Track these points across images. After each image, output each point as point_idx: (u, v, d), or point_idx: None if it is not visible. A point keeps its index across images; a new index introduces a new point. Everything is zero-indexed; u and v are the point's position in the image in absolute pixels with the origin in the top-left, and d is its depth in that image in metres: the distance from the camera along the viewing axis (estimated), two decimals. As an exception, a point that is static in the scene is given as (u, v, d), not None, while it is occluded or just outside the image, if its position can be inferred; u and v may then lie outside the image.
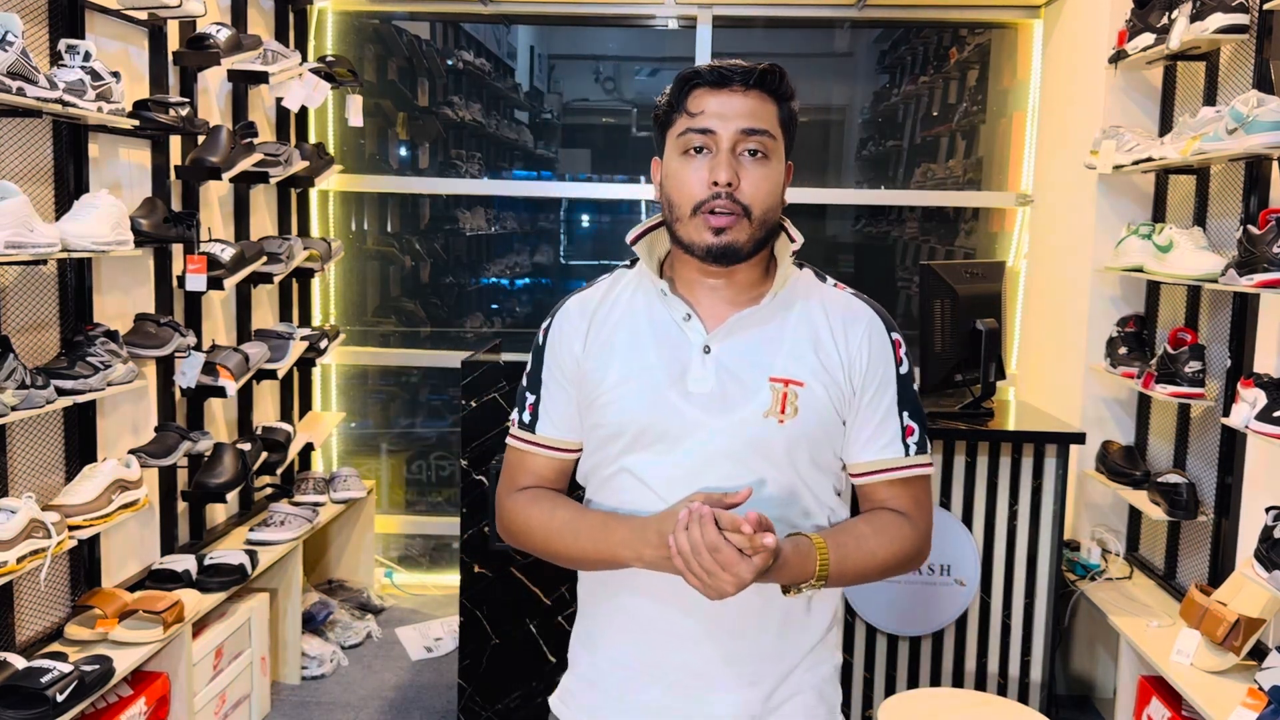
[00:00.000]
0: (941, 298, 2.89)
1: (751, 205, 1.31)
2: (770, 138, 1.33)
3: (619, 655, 1.40)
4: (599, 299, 1.43)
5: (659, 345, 1.36)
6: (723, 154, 1.30)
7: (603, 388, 1.37)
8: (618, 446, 1.37)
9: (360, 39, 4.40)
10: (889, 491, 1.38)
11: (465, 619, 2.89)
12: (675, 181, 1.34)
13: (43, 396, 2.29)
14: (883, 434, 1.37)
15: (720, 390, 1.33)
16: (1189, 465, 3.09)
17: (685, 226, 1.33)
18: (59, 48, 2.42)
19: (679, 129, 1.34)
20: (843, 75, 4.61)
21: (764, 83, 1.33)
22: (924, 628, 2.84)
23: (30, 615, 2.55)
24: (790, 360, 1.34)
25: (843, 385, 1.35)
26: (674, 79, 1.36)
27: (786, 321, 1.37)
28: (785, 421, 1.32)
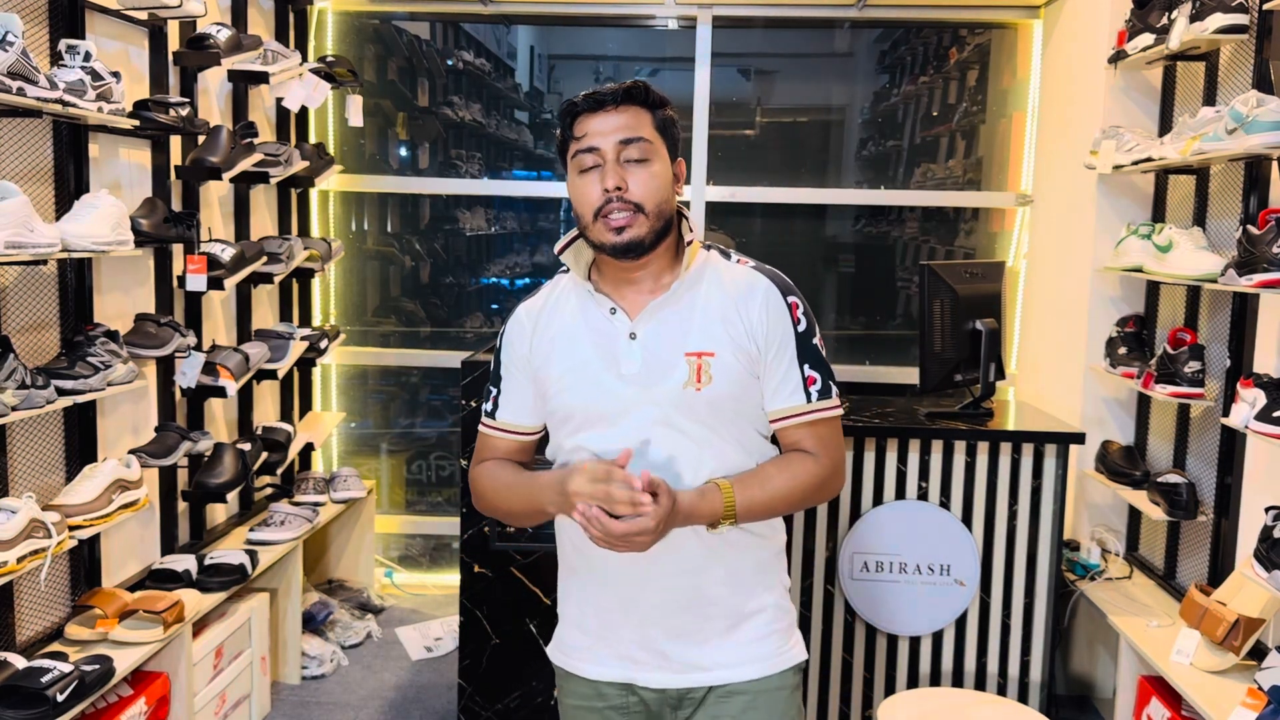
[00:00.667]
0: (941, 298, 2.89)
1: (643, 202, 1.52)
2: (647, 142, 1.53)
3: (600, 601, 1.63)
4: (540, 305, 1.66)
5: (593, 338, 1.59)
6: (609, 164, 1.52)
7: (550, 380, 1.61)
8: (570, 427, 1.60)
9: (360, 39, 4.40)
10: (798, 434, 1.60)
11: (465, 619, 2.89)
12: (577, 195, 1.55)
13: (43, 396, 2.29)
14: (786, 385, 1.58)
15: (646, 369, 1.55)
16: (1189, 465, 3.09)
17: (592, 231, 1.54)
18: (59, 48, 2.42)
19: (571, 152, 1.56)
20: (842, 75, 4.61)
21: (631, 97, 1.54)
22: (924, 628, 2.84)
23: (30, 615, 2.55)
24: (701, 335, 1.56)
25: (749, 349, 1.56)
26: (558, 110, 1.59)
27: (695, 301, 1.58)
28: (702, 389, 1.54)
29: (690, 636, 1.60)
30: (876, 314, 4.56)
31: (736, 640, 1.61)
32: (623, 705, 1.64)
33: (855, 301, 4.57)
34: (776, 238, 4.54)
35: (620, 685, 1.64)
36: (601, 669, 1.64)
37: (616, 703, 1.64)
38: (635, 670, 1.62)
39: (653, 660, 1.61)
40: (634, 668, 1.62)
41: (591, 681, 1.65)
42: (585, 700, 1.67)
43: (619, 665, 1.63)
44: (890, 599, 2.82)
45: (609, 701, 1.65)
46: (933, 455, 2.82)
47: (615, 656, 1.63)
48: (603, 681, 1.64)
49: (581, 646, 1.66)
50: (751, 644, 1.61)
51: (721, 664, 1.60)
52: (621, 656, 1.62)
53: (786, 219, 4.45)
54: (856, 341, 4.54)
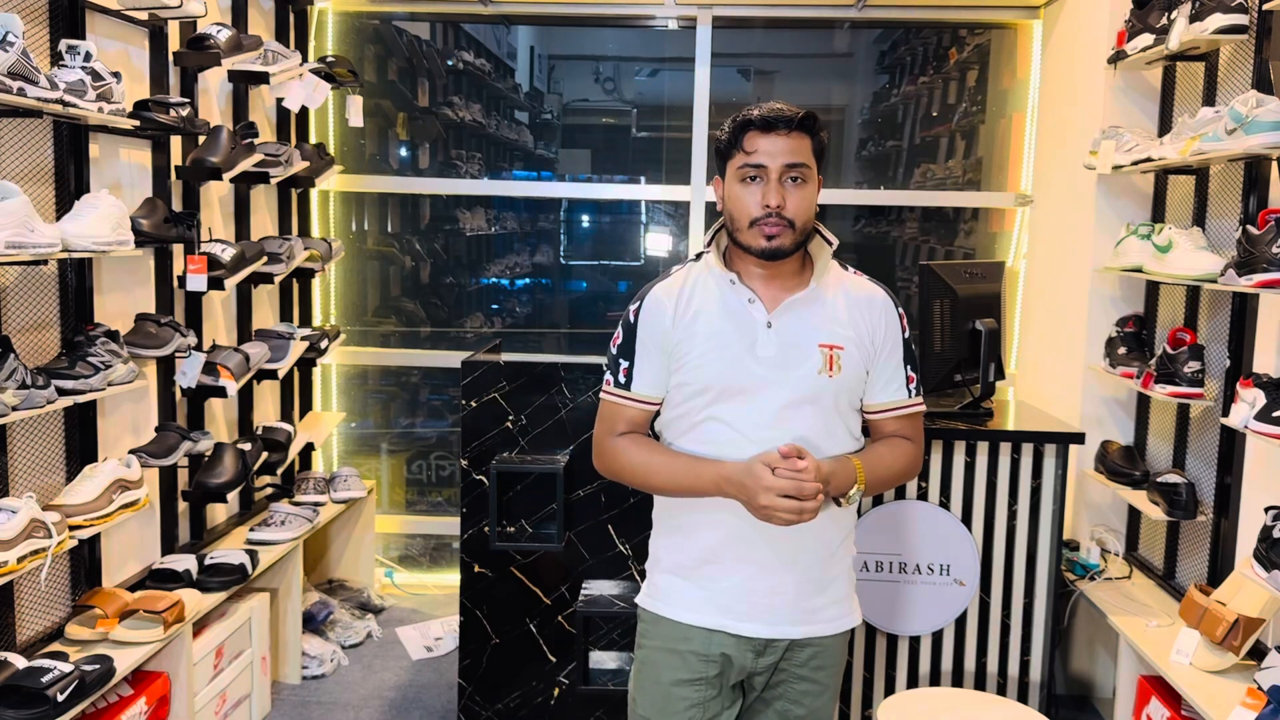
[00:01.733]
0: (941, 298, 2.89)
1: (795, 219, 1.74)
2: (807, 168, 1.74)
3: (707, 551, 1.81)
4: (679, 286, 1.83)
5: (733, 321, 1.78)
6: (772, 183, 1.72)
7: (691, 355, 1.78)
8: (705, 399, 1.77)
9: (360, 39, 4.40)
10: (897, 424, 1.87)
11: (465, 619, 2.90)
12: (736, 203, 1.76)
13: (43, 396, 2.29)
14: (894, 381, 1.85)
15: (782, 355, 1.76)
16: (1188, 465, 3.09)
17: (744, 235, 1.76)
18: (59, 48, 2.42)
19: (737, 162, 1.75)
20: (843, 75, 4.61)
21: (802, 126, 1.73)
22: (924, 627, 2.84)
23: (31, 615, 2.55)
24: (832, 330, 1.79)
25: (867, 347, 1.81)
26: (731, 121, 1.77)
27: (825, 301, 1.81)
28: (834, 376, 1.77)
29: (787, 593, 1.79)
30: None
31: (821, 601, 1.82)
32: (704, 649, 1.81)
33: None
34: (776, 238, 4.53)
35: (708, 630, 1.81)
36: (695, 614, 1.81)
37: (698, 646, 1.81)
38: (729, 619, 1.79)
39: (750, 611, 1.79)
40: (729, 616, 1.79)
41: (682, 624, 1.82)
42: (670, 642, 1.83)
43: (715, 613, 1.80)
44: (890, 599, 2.82)
45: (692, 645, 1.81)
46: (932, 455, 2.82)
47: (712, 605, 1.80)
48: (693, 625, 1.81)
49: (676, 591, 1.84)
50: (830, 605, 1.83)
51: (806, 620, 1.81)
52: (719, 606, 1.80)
53: (786, 219, 4.44)
54: (856, 341, 4.53)
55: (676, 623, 1.83)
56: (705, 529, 1.80)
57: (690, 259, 1.90)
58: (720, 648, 1.81)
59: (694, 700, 1.82)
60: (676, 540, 1.86)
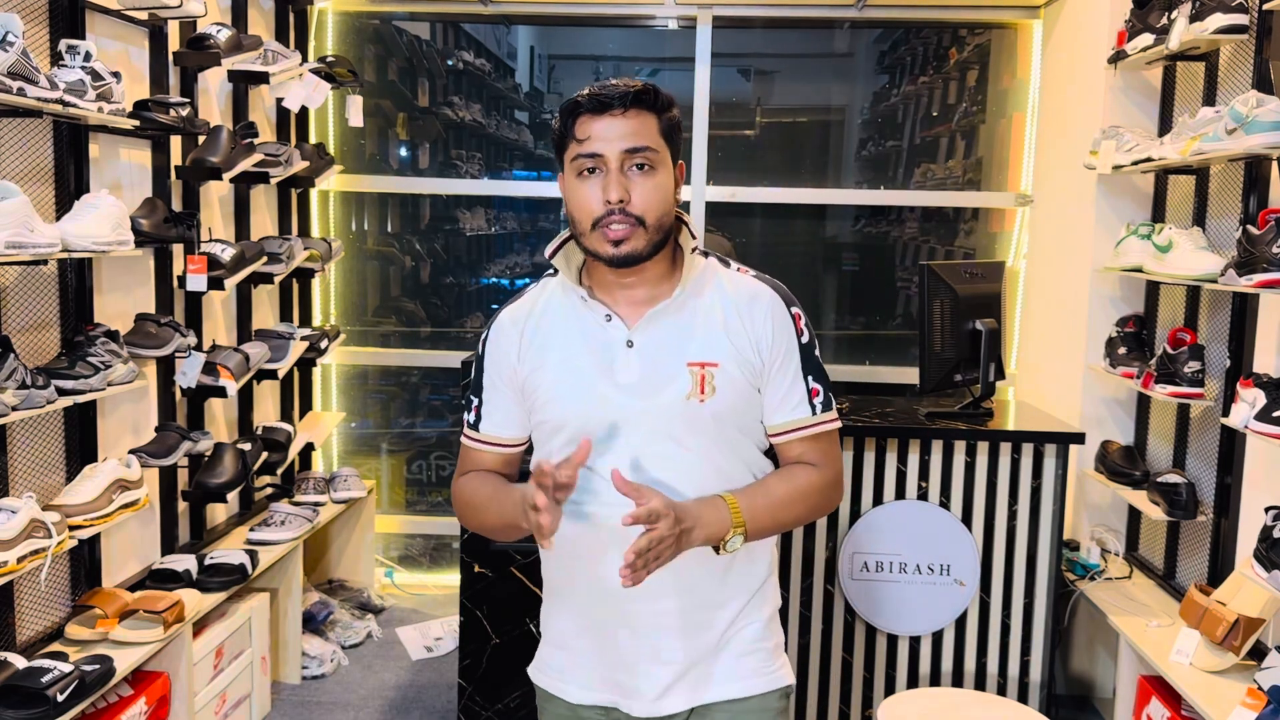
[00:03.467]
0: (941, 298, 2.89)
1: (644, 215, 1.44)
2: (653, 151, 1.44)
3: (584, 620, 1.57)
4: (528, 309, 1.58)
5: (586, 345, 1.51)
6: (612, 173, 1.43)
7: (541, 388, 1.52)
8: (561, 438, 1.51)
9: (360, 39, 4.40)
10: (802, 447, 1.55)
11: (465, 619, 2.89)
12: (574, 201, 1.47)
13: (43, 396, 2.29)
14: (791, 398, 1.53)
15: (644, 378, 1.48)
16: (1188, 465, 3.09)
17: (588, 239, 1.47)
18: (59, 48, 2.42)
19: (571, 154, 1.46)
20: (842, 75, 4.60)
21: (640, 101, 1.44)
22: (924, 628, 2.84)
23: (31, 615, 2.55)
24: (704, 345, 1.49)
25: (752, 360, 1.50)
26: (560, 108, 1.48)
27: (697, 309, 1.51)
28: (705, 400, 1.47)
29: (677, 658, 1.53)
30: (876, 314, 4.56)
31: (720, 660, 1.55)
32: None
33: (855, 301, 4.57)
34: (776, 238, 4.54)
35: (601, 709, 1.59)
36: (583, 692, 1.59)
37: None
38: (616, 695, 1.57)
39: (635, 684, 1.54)
40: (615, 691, 1.57)
41: (572, 705, 1.60)
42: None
43: (602, 689, 1.57)
44: (890, 599, 2.82)
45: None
46: (933, 455, 2.82)
47: (599, 680, 1.57)
48: (583, 705, 1.59)
49: (564, 667, 1.61)
50: (735, 662, 1.56)
51: (704, 685, 1.55)
52: (605, 680, 1.57)
53: (786, 219, 4.45)
54: (856, 341, 4.54)
55: (566, 701, 1.60)
56: (579, 589, 1.55)
57: (548, 271, 1.61)
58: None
59: None
60: (555, 604, 1.62)
